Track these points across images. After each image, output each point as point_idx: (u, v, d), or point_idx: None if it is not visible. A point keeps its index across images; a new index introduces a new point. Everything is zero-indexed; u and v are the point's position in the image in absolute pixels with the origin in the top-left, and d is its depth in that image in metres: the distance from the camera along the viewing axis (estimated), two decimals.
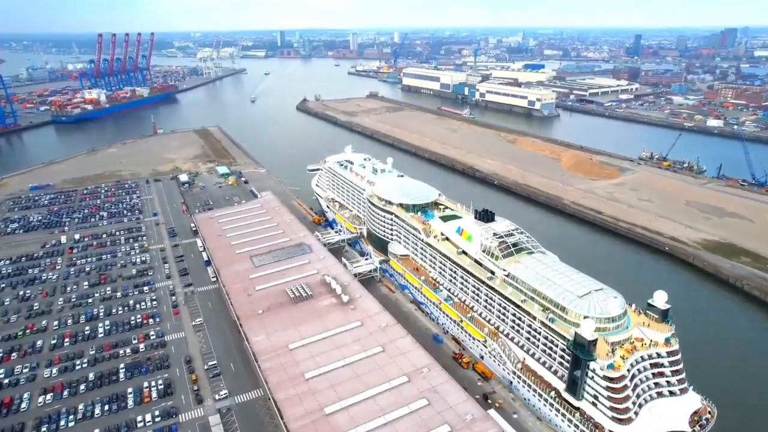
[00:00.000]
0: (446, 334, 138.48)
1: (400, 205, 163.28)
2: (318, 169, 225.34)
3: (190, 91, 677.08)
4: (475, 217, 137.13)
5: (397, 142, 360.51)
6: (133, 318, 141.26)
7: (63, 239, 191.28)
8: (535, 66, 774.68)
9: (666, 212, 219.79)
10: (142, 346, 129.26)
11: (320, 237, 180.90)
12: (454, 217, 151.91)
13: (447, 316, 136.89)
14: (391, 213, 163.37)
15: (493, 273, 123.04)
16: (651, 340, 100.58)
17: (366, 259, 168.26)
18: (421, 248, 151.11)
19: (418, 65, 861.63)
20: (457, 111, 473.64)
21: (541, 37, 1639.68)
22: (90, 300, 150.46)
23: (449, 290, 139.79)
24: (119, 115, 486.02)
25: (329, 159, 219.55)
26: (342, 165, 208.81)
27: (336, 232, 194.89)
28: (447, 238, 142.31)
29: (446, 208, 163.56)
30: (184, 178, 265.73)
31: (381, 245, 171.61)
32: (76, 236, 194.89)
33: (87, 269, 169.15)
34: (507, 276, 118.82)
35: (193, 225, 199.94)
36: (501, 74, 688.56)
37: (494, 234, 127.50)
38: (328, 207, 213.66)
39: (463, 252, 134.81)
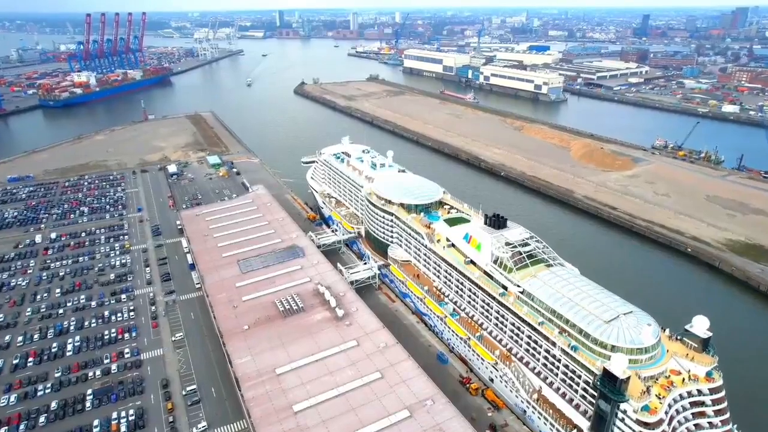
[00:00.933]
0: (452, 353, 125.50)
1: (401, 205, 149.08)
2: (313, 162, 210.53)
3: (185, 74, 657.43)
4: (486, 223, 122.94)
5: (398, 129, 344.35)
6: (107, 332, 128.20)
7: (38, 238, 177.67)
8: (541, 47, 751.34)
9: (685, 208, 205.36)
10: (114, 366, 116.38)
11: (314, 238, 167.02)
12: (461, 220, 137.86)
13: (453, 332, 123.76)
14: (391, 214, 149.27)
15: (505, 288, 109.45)
16: (690, 373, 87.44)
17: (364, 263, 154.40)
18: (425, 255, 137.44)
19: (419, 46, 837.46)
20: (460, 96, 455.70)
21: (546, 17, 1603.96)
22: (61, 311, 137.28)
23: (456, 303, 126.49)
24: (110, 99, 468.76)
25: (325, 151, 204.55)
26: (338, 158, 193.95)
27: (332, 230, 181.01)
28: (453, 245, 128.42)
29: (452, 208, 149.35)
30: (172, 168, 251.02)
31: (380, 248, 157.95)
32: (53, 235, 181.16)
33: (61, 274, 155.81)
34: (522, 293, 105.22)
35: (179, 222, 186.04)
36: (505, 56, 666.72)
37: (507, 243, 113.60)
38: (323, 203, 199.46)
39: (472, 262, 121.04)
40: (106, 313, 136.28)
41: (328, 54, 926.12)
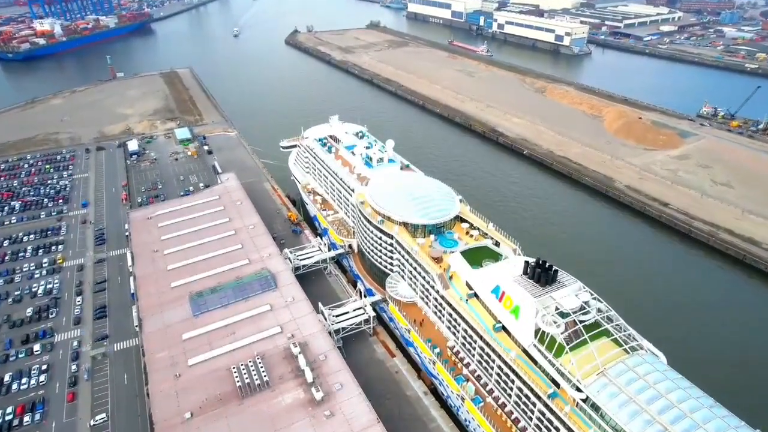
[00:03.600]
0: None
1: (404, 225, 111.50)
2: (294, 146, 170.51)
3: (168, 20, 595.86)
4: (526, 272, 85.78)
5: (401, 90, 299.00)
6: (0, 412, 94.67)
7: None
8: None
9: (755, 204, 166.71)
10: None
11: (292, 258, 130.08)
12: (487, 252, 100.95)
13: (477, 424, 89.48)
14: (391, 237, 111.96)
15: (557, 385, 74.12)
16: None
17: (354, 300, 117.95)
18: (436, 301, 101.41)
19: None
20: (471, 47, 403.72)
21: None
22: None
23: (479, 381, 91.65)
24: (79, 50, 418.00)
25: (309, 132, 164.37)
26: (324, 144, 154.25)
27: (318, 239, 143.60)
28: (476, 296, 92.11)
29: (472, 227, 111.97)
30: (133, 146, 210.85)
31: (377, 274, 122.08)
32: None
33: None
34: (584, 401, 69.88)
35: (127, 227, 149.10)
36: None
37: (560, 313, 77.22)
38: (308, 199, 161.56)
39: (504, 329, 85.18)
40: (8, 376, 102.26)
41: None
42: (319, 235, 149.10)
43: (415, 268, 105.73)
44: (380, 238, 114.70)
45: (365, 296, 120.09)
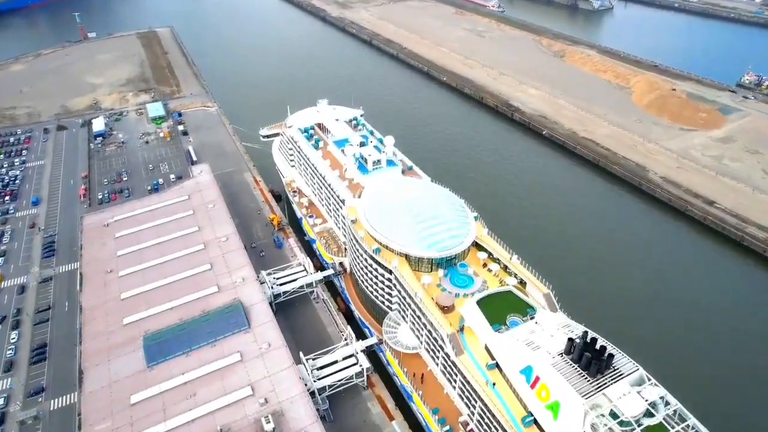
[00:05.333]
0: None
1: (406, 257, 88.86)
2: (277, 135, 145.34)
3: None
4: (570, 353, 64.03)
5: (404, 53, 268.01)
6: None
7: None
8: None
9: None
10: None
11: (270, 283, 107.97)
12: (512, 303, 78.87)
13: None
14: (390, 271, 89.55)
15: None
16: None
17: (346, 342, 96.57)
18: (446, 365, 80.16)
19: None
20: (481, 2, 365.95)
21: None
22: None
23: None
24: (51, 3, 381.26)
25: (293, 119, 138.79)
26: (310, 136, 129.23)
27: (304, 246, 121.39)
28: (498, 367, 70.83)
29: (492, 258, 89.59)
30: (98, 125, 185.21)
31: (373, 308, 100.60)
32: None
33: None
34: None
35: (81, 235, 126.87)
36: None
37: (619, 420, 56.07)
38: (293, 197, 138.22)
39: (536, 422, 64.26)
40: None
41: None
42: (307, 242, 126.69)
43: (419, 318, 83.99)
44: (376, 270, 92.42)
45: (358, 338, 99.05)
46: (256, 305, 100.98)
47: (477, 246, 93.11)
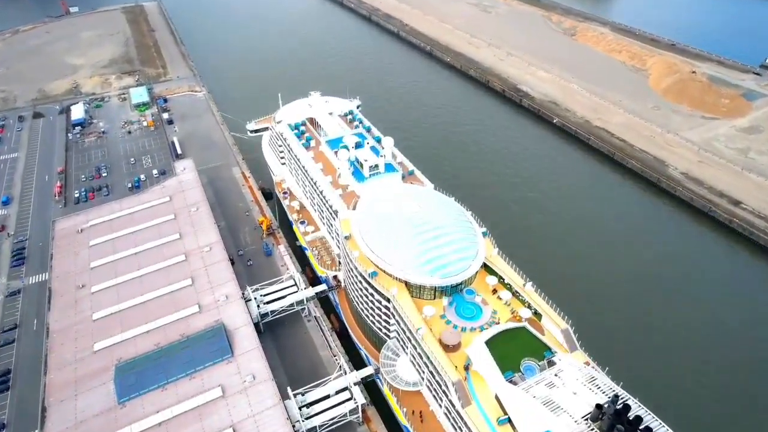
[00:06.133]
0: None
1: (406, 284, 78.76)
2: (265, 129, 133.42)
3: None
4: (598, 419, 54.35)
5: (405, 30, 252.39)
6: None
7: None
8: None
9: None
10: None
11: (257, 301, 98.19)
12: (526, 343, 69.27)
13: None
14: (387, 300, 79.56)
15: None
16: None
17: (339, 372, 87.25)
18: (451, 415, 70.77)
19: None
20: None
21: None
22: None
23: None
24: None
25: (283, 113, 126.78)
26: (300, 133, 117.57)
27: (295, 252, 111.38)
28: (510, 421, 61.51)
29: (502, 283, 79.58)
30: (78, 113, 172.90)
31: (370, 332, 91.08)
32: None
33: None
34: None
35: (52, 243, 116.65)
36: None
37: None
38: (283, 199, 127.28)
39: None
40: None
41: None
42: (299, 247, 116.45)
43: (420, 355, 74.38)
44: (372, 295, 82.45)
45: (353, 361, 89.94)
46: (241, 329, 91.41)
47: (486, 267, 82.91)
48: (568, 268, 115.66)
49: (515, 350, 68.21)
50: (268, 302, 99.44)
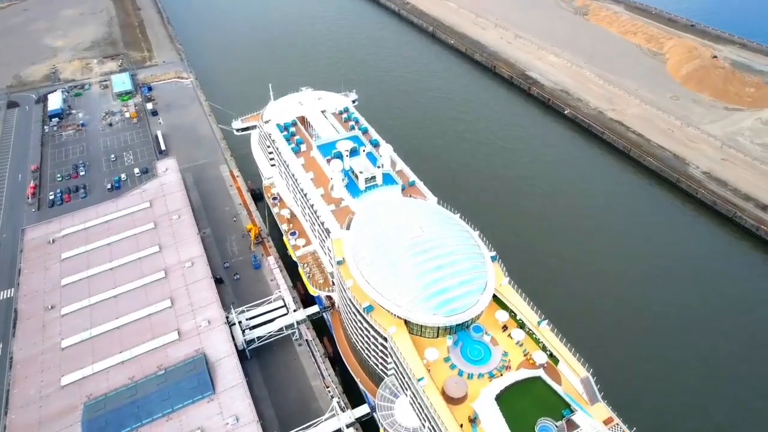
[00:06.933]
0: None
1: (406, 323, 69.80)
2: (253, 128, 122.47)
3: None
4: None
5: (406, 9, 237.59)
6: None
7: None
8: None
9: None
10: None
11: (241, 326, 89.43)
12: (542, 398, 60.97)
13: None
14: (384, 339, 70.68)
15: None
16: None
17: (330, 417, 78.87)
18: None
19: None
20: None
21: None
22: None
23: None
24: None
25: (271, 111, 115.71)
26: (290, 134, 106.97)
27: (287, 263, 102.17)
28: None
29: (514, 318, 70.69)
30: (55, 102, 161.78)
31: (366, 366, 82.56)
32: None
33: None
34: None
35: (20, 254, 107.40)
36: None
37: None
38: (272, 205, 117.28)
39: None
40: None
41: None
42: (290, 259, 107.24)
43: (421, 406, 65.80)
44: (368, 330, 73.56)
45: (347, 392, 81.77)
46: (224, 360, 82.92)
47: (496, 299, 73.78)
48: (582, 291, 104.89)
49: (530, 407, 59.70)
50: (255, 326, 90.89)
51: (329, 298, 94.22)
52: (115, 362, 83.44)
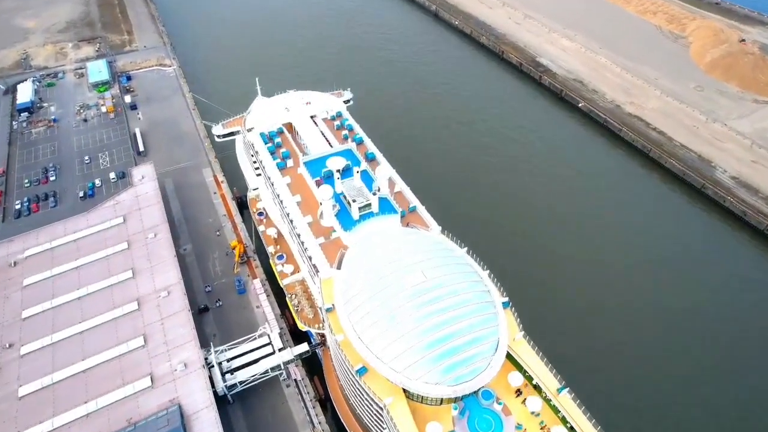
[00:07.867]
0: None
1: (406, 393, 60.18)
2: (237, 133, 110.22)
3: None
4: None
5: None
6: None
7: None
8: None
9: None
10: None
11: (221, 368, 79.98)
12: None
13: None
14: (381, 407, 61.17)
15: None
16: None
17: None
18: None
19: None
20: None
21: None
22: None
23: None
24: None
25: (254, 117, 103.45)
26: (275, 146, 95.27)
27: (275, 285, 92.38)
28: None
29: (529, 380, 61.25)
30: (25, 94, 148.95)
31: (360, 420, 73.51)
32: None
33: None
34: None
35: None
36: None
37: None
38: (258, 222, 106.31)
39: None
40: None
41: None
42: (279, 286, 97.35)
43: None
44: (361, 394, 64.07)
45: None
46: (202, 412, 73.89)
47: (509, 357, 64.06)
48: (602, 330, 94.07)
49: None
50: (237, 368, 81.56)
51: (321, 335, 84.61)
52: (80, 414, 74.43)
